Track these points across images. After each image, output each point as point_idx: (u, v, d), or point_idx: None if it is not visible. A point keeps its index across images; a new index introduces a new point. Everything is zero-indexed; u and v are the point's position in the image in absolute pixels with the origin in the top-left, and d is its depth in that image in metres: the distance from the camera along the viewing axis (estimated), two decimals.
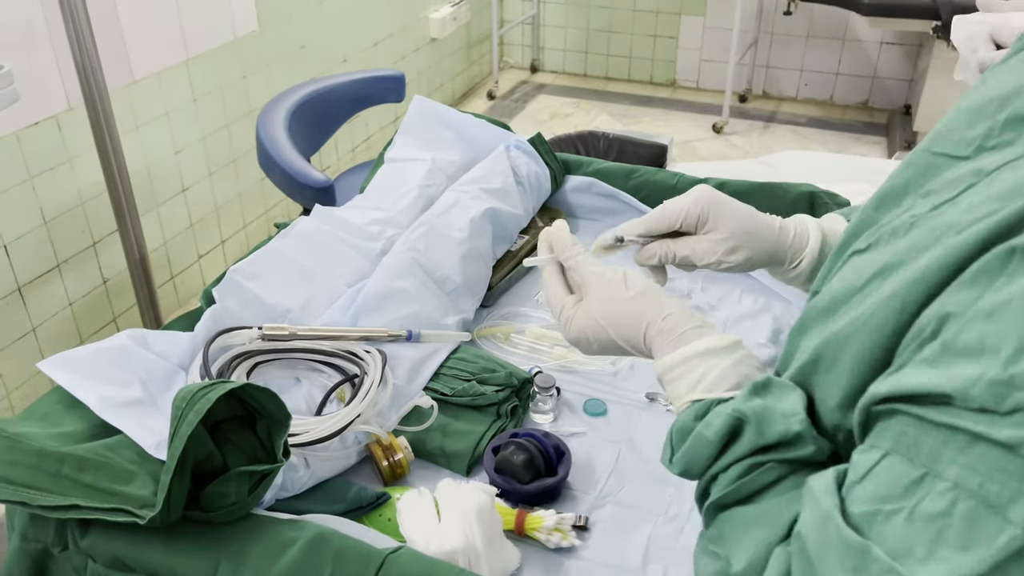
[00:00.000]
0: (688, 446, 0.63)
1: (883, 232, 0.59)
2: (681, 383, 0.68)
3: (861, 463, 0.50)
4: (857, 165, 2.01)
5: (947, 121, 0.60)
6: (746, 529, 0.58)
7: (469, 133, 1.47)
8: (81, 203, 2.09)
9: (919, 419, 0.46)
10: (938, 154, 0.59)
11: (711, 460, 0.62)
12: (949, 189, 0.54)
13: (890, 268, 0.53)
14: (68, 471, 0.78)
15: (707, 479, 0.63)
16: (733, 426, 0.61)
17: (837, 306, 0.57)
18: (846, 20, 3.80)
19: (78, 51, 1.63)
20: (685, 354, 0.68)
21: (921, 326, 0.48)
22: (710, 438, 0.61)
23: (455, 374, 1.06)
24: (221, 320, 1.02)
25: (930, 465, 0.45)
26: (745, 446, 0.60)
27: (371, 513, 0.89)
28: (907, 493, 0.46)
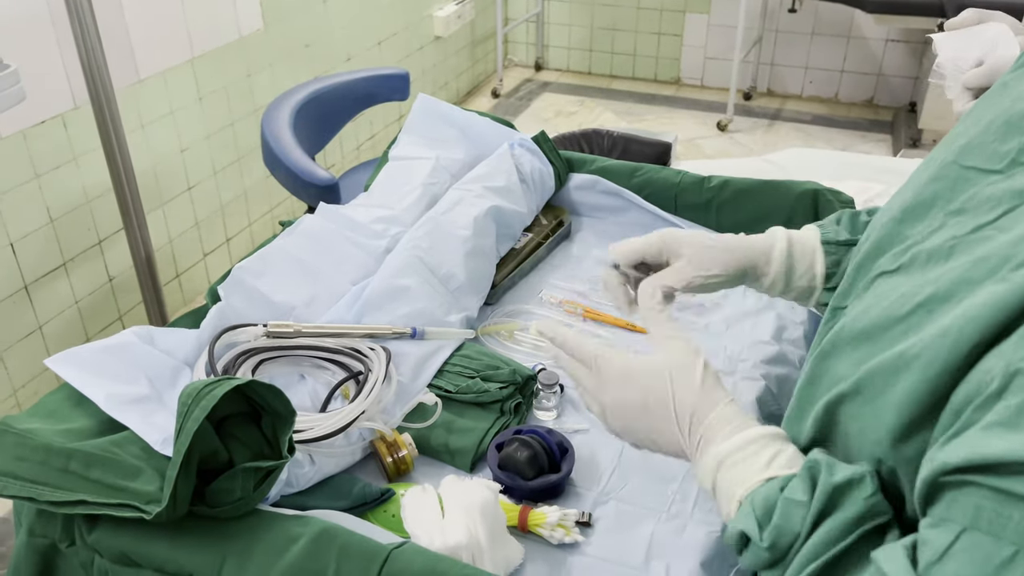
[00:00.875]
0: (778, 518, 0.58)
1: (917, 254, 0.57)
2: (751, 462, 0.63)
3: (937, 541, 0.47)
4: (862, 163, 2.01)
5: (976, 134, 0.58)
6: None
7: (473, 131, 1.47)
8: (87, 201, 2.10)
9: (998, 491, 0.43)
10: (968, 168, 0.57)
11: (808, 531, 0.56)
12: (987, 209, 0.53)
13: (937, 300, 0.51)
14: (75, 467, 0.79)
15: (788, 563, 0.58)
16: (812, 474, 0.58)
17: (876, 333, 0.55)
18: (851, 17, 3.79)
19: (84, 50, 1.64)
20: (754, 435, 0.65)
21: (983, 381, 0.45)
22: (799, 499, 0.57)
23: (459, 371, 1.06)
24: (227, 317, 1.03)
25: (1020, 542, 0.42)
26: (822, 492, 0.56)
27: (375, 509, 0.90)
28: (1000, 573, 0.43)
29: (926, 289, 0.53)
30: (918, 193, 0.61)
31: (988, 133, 0.57)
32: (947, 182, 0.58)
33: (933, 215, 0.58)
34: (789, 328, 1.21)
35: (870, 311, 0.57)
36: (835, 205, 1.30)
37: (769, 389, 1.09)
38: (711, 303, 1.26)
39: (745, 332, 1.19)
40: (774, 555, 0.58)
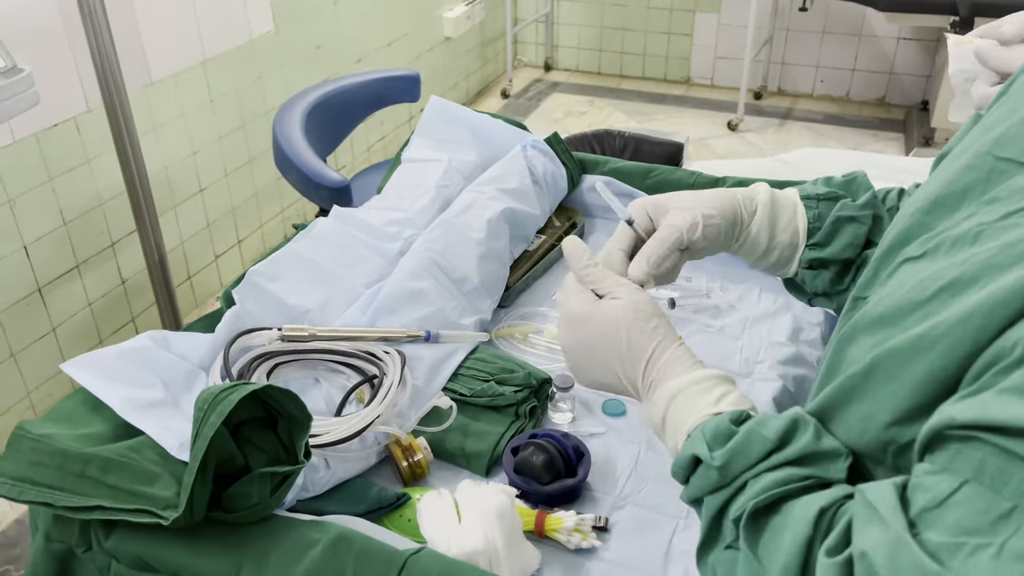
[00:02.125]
0: (737, 443, 0.61)
1: (943, 240, 0.56)
2: (703, 398, 0.67)
3: (937, 488, 0.48)
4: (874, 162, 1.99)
5: (1012, 125, 0.58)
6: (778, 534, 0.57)
7: (485, 133, 1.46)
8: (100, 204, 2.10)
9: (1005, 451, 0.44)
10: (1003, 159, 0.56)
11: (760, 459, 0.60)
12: (1019, 197, 0.52)
13: (961, 284, 0.51)
14: (92, 472, 0.79)
15: (740, 484, 0.61)
16: (790, 427, 0.60)
17: (896, 317, 0.55)
18: (862, 16, 3.77)
19: (97, 53, 1.64)
20: (707, 374, 0.68)
21: (1004, 348, 0.46)
22: (768, 435, 0.60)
23: (474, 374, 1.06)
24: (241, 321, 1.03)
25: (1019, 500, 0.43)
26: (799, 447, 0.59)
27: (391, 514, 0.89)
28: (995, 527, 0.44)
29: (949, 273, 0.52)
30: (950, 183, 0.60)
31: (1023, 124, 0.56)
32: (981, 173, 0.58)
33: (965, 206, 0.58)
34: (806, 329, 1.20)
35: (891, 296, 0.57)
36: None
37: (787, 389, 1.09)
38: (726, 305, 1.25)
39: (762, 334, 1.19)
40: (723, 477, 0.61)
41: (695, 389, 0.67)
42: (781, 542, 0.56)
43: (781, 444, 0.60)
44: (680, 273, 1.32)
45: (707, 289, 1.28)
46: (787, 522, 0.57)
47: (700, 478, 0.63)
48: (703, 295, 1.26)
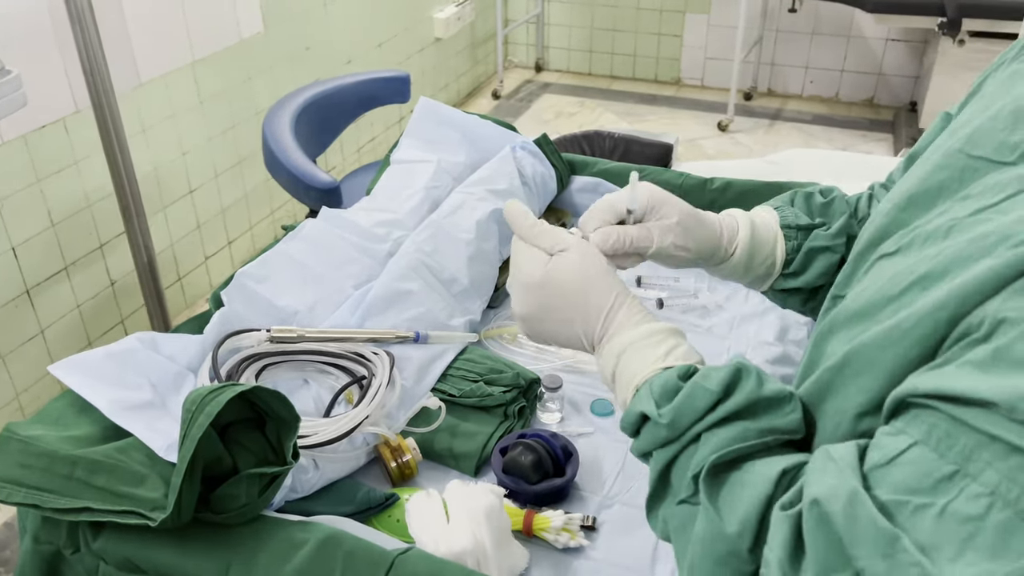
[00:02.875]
0: (683, 398, 0.62)
1: (916, 236, 0.57)
2: (651, 352, 0.68)
3: (888, 446, 0.49)
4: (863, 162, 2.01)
5: (983, 123, 0.59)
6: (738, 489, 0.58)
7: (475, 134, 1.47)
8: (88, 205, 2.10)
9: (954, 418, 0.46)
10: (976, 157, 0.57)
11: (706, 411, 0.61)
12: (991, 194, 0.53)
13: (932, 277, 0.52)
14: (80, 474, 0.79)
15: (691, 437, 0.62)
16: (733, 377, 0.61)
17: (871, 311, 0.56)
18: (851, 17, 3.79)
19: (85, 54, 1.64)
20: (656, 328, 0.70)
21: (972, 325, 0.47)
22: (711, 387, 0.61)
23: (462, 375, 1.06)
24: (230, 322, 1.03)
25: (962, 463, 0.45)
26: (743, 396, 0.60)
27: (380, 514, 0.90)
28: (937, 488, 0.45)
29: (921, 267, 0.53)
30: (923, 181, 0.61)
31: (997, 122, 0.57)
32: (954, 171, 0.59)
33: (939, 204, 0.58)
34: (792, 329, 1.21)
35: (866, 291, 0.58)
36: None
37: None
38: (714, 305, 1.26)
39: (749, 334, 1.19)
40: (671, 432, 0.63)
41: (645, 343, 0.69)
42: (741, 496, 0.57)
43: (725, 395, 0.61)
44: (669, 273, 1.33)
45: (695, 289, 1.28)
46: (749, 478, 0.58)
47: (649, 433, 0.65)
48: (691, 295, 1.27)
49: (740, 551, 0.56)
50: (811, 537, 0.50)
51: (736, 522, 0.57)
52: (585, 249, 0.74)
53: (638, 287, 1.29)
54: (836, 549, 0.49)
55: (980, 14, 3.05)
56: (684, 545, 0.62)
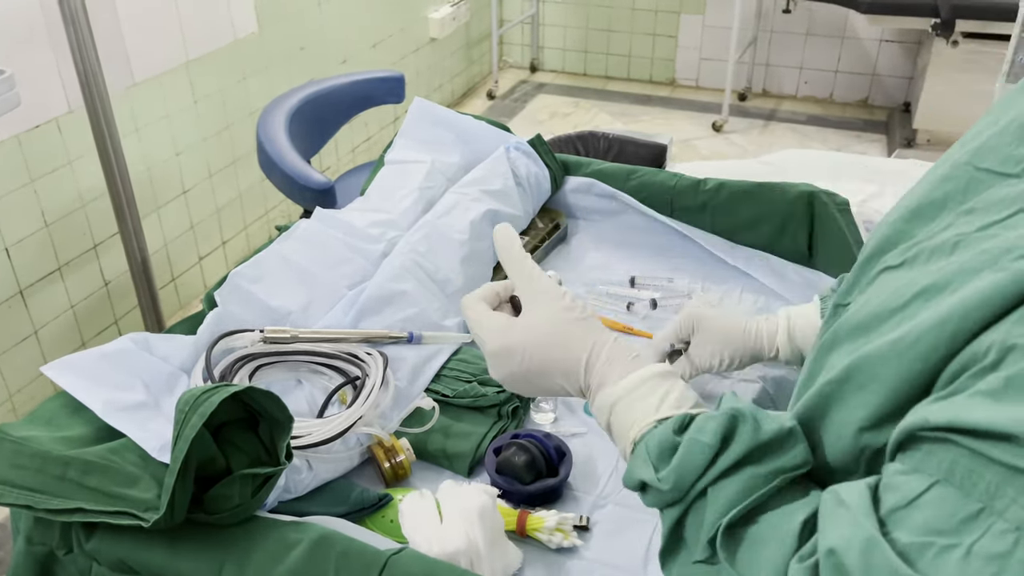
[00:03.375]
0: (680, 457, 0.60)
1: (921, 249, 0.57)
2: (643, 404, 0.66)
3: (906, 487, 0.48)
4: (857, 163, 2.01)
5: (991, 136, 0.58)
6: (758, 549, 0.56)
7: (469, 135, 1.47)
8: (82, 205, 2.09)
9: (975, 453, 0.44)
10: (982, 170, 0.57)
11: (705, 467, 0.59)
12: (998, 209, 0.52)
13: (935, 290, 0.51)
14: (73, 475, 0.79)
15: (695, 495, 0.60)
16: (729, 426, 0.59)
17: (873, 324, 0.55)
18: (845, 18, 3.80)
19: (78, 54, 1.63)
20: (645, 375, 0.67)
21: (979, 352, 0.46)
22: (707, 441, 0.59)
23: (456, 375, 1.07)
24: (223, 323, 1.03)
25: (988, 502, 0.44)
26: (742, 445, 0.58)
27: (373, 515, 0.90)
28: (962, 528, 0.44)
29: (924, 280, 0.52)
30: (929, 193, 0.61)
31: (1005, 135, 0.57)
32: (960, 183, 0.58)
33: (944, 216, 0.58)
34: None
35: (869, 303, 0.58)
36: (830, 206, 1.30)
37: (766, 391, 1.10)
38: (708, 305, 1.26)
39: None
40: (675, 494, 0.61)
41: (635, 395, 0.66)
42: (763, 556, 0.55)
43: (723, 445, 0.59)
44: (663, 273, 1.33)
45: (689, 290, 1.29)
46: (768, 535, 0.56)
47: (653, 496, 0.63)
48: (684, 295, 1.27)
49: None
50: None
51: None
52: (559, 303, 0.71)
53: (632, 287, 1.29)
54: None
55: (973, 15, 3.06)
56: None
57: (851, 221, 1.28)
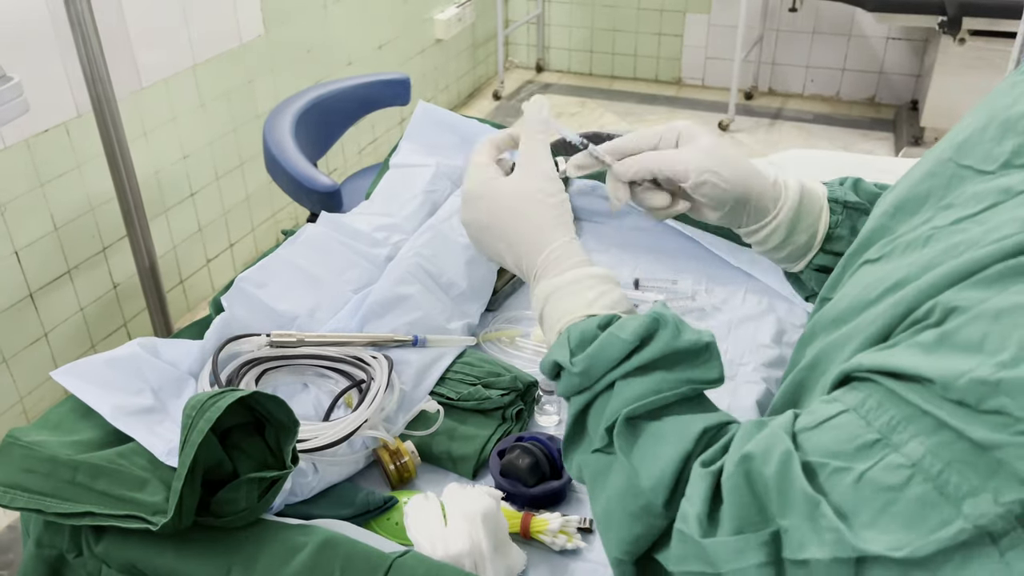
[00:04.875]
0: (596, 347, 0.62)
1: (898, 243, 0.58)
2: (576, 298, 0.67)
3: (819, 411, 0.50)
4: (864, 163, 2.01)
5: (974, 132, 0.59)
6: (653, 443, 0.58)
7: (474, 138, 1.47)
8: (91, 209, 2.11)
9: (890, 391, 0.47)
10: (964, 166, 0.57)
11: (617, 362, 0.61)
12: (971, 204, 0.53)
13: (904, 284, 0.52)
14: (82, 479, 0.80)
15: (602, 386, 0.62)
16: (650, 328, 0.61)
17: (847, 317, 0.57)
18: (852, 16, 3.79)
19: (86, 58, 1.65)
20: (581, 274, 0.68)
21: (924, 311, 0.48)
22: (625, 337, 0.61)
23: (461, 378, 1.07)
24: (230, 328, 1.04)
25: (886, 434, 0.46)
26: (657, 348, 0.60)
27: (379, 517, 0.91)
28: (858, 454, 0.46)
29: (896, 275, 0.54)
30: (913, 188, 0.62)
31: (986, 132, 0.57)
32: (942, 179, 0.59)
33: (925, 211, 0.59)
34: (789, 331, 1.22)
35: (845, 297, 0.59)
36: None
37: (770, 392, 1.10)
38: (711, 307, 1.27)
39: (746, 336, 1.20)
40: (584, 380, 0.62)
41: (574, 288, 0.68)
42: (659, 452, 0.57)
43: (640, 344, 0.61)
44: (666, 275, 1.33)
45: (693, 291, 1.29)
46: (667, 433, 0.58)
47: (564, 381, 0.65)
48: (688, 297, 1.28)
49: (654, 506, 0.57)
50: (736, 492, 0.51)
51: (652, 477, 0.57)
52: (539, 181, 0.71)
53: (636, 289, 1.30)
54: (759, 505, 0.50)
55: (981, 13, 3.05)
56: (599, 494, 0.62)
57: None
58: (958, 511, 0.42)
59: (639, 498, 0.58)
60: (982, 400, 0.42)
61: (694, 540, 0.53)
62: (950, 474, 0.43)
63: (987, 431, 0.42)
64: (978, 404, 0.42)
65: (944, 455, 0.43)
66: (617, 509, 0.59)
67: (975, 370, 0.42)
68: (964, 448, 0.42)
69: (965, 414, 0.43)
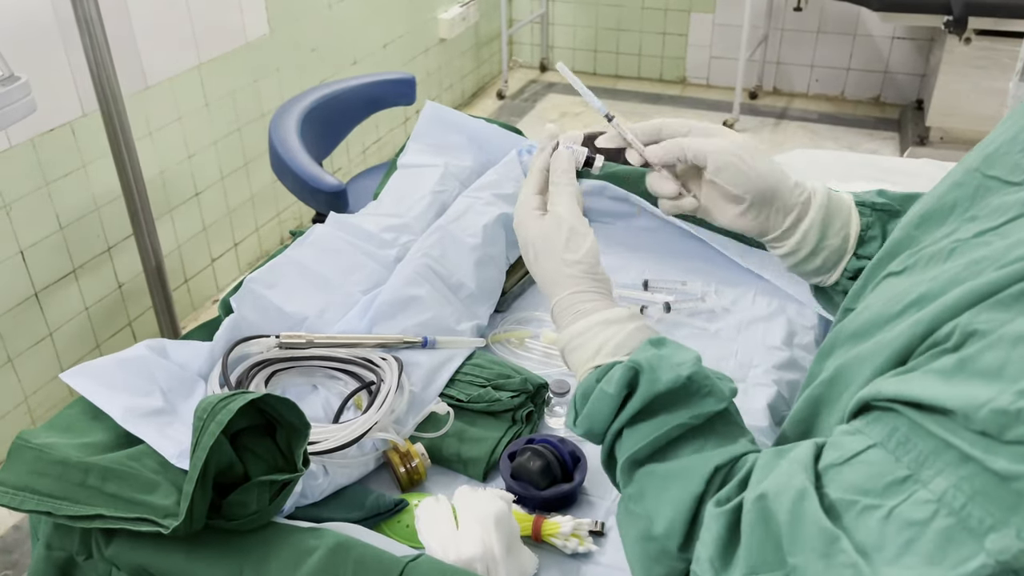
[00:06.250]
0: (590, 405, 0.64)
1: (921, 256, 0.57)
2: (583, 351, 0.69)
3: (846, 446, 0.50)
4: (869, 163, 2.00)
5: (1003, 143, 0.58)
6: (664, 486, 0.59)
7: (481, 138, 1.47)
8: (96, 208, 2.11)
9: (914, 424, 0.46)
10: (990, 177, 0.57)
11: (612, 416, 0.62)
12: (995, 216, 0.53)
13: (927, 300, 0.52)
14: (93, 481, 0.79)
15: (611, 438, 0.63)
16: (630, 377, 0.62)
17: (869, 331, 0.56)
18: (857, 15, 3.78)
19: (92, 57, 1.65)
20: (586, 324, 0.70)
21: (943, 335, 0.47)
22: (610, 392, 0.62)
23: (470, 380, 1.07)
24: (239, 329, 1.03)
25: (915, 470, 0.45)
26: (641, 397, 0.61)
27: (390, 520, 0.90)
28: (888, 491, 0.46)
29: (918, 289, 0.53)
30: (940, 198, 0.61)
31: (1014, 143, 0.57)
32: (968, 189, 0.58)
33: (951, 221, 0.58)
34: (800, 333, 1.21)
35: (868, 310, 0.58)
36: None
37: (781, 395, 1.09)
38: (721, 309, 1.26)
39: (756, 338, 1.19)
40: (592, 439, 0.66)
41: (577, 342, 0.70)
42: (668, 497, 0.58)
43: (629, 393, 0.62)
44: (676, 276, 1.33)
45: (702, 293, 1.28)
46: (675, 475, 0.58)
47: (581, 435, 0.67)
48: (698, 299, 1.27)
49: (670, 550, 0.57)
50: (750, 532, 0.51)
51: (664, 523, 0.57)
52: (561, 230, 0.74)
53: (645, 291, 1.29)
54: (773, 546, 0.49)
55: (986, 12, 3.04)
56: (624, 536, 0.64)
57: None
58: (980, 546, 0.41)
59: (655, 543, 0.58)
60: (1003, 430, 0.41)
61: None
62: (973, 507, 0.42)
63: (1008, 462, 0.41)
64: (1000, 434, 0.41)
65: (967, 488, 0.43)
66: (638, 553, 0.60)
67: (995, 399, 0.42)
68: (987, 481, 0.42)
69: (987, 444, 0.42)
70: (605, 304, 0.72)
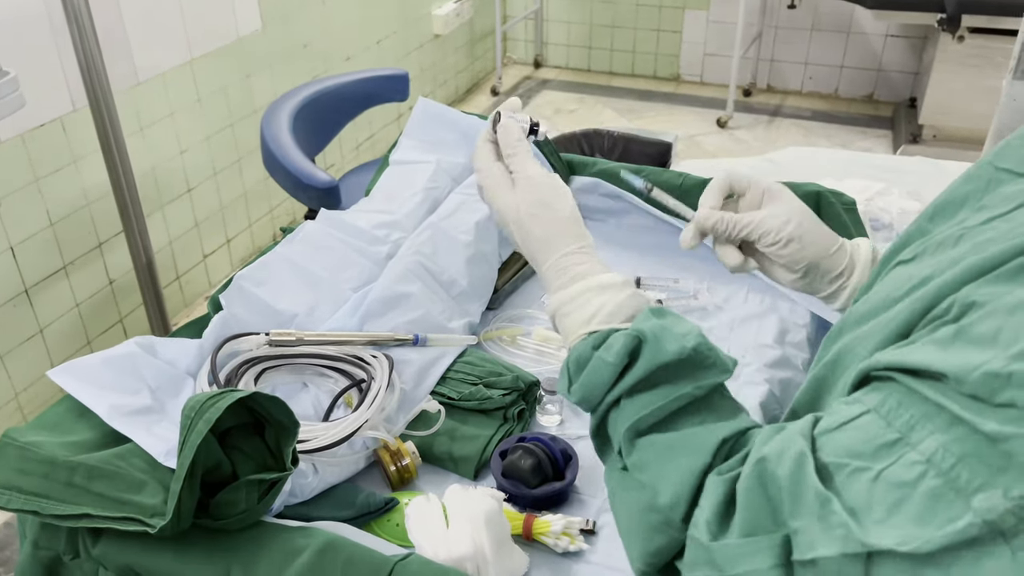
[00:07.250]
0: (587, 373, 0.63)
1: (930, 244, 0.58)
2: (576, 316, 0.68)
3: (841, 413, 0.50)
4: (862, 161, 2.00)
5: (1016, 137, 0.59)
6: (669, 456, 0.58)
7: (474, 134, 1.46)
8: (87, 204, 2.09)
9: (909, 389, 0.47)
10: (1001, 169, 0.58)
11: (610, 385, 0.62)
12: (1003, 204, 0.54)
13: (929, 280, 0.52)
14: (79, 480, 0.79)
15: (606, 407, 0.63)
16: (632, 347, 0.61)
17: (872, 314, 0.57)
18: (850, 13, 3.78)
19: (82, 53, 1.63)
20: (580, 288, 0.69)
21: (943, 308, 0.48)
22: (610, 360, 0.61)
23: (462, 378, 1.06)
24: (229, 326, 1.03)
25: (906, 432, 0.46)
26: (643, 366, 0.60)
27: (380, 519, 0.90)
28: (878, 454, 0.46)
29: (923, 272, 0.54)
30: (951, 192, 0.62)
31: None
32: (980, 182, 0.59)
33: (962, 213, 0.59)
34: (792, 331, 1.21)
35: (876, 295, 0.59)
36: (837, 207, 1.29)
37: (772, 393, 1.09)
38: (713, 307, 1.26)
39: (748, 336, 1.19)
40: (586, 406, 0.64)
41: (575, 304, 0.69)
42: (674, 467, 0.57)
43: (630, 363, 0.61)
44: (668, 274, 1.32)
45: (695, 290, 1.28)
46: (681, 446, 0.58)
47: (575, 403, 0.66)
48: (690, 296, 1.27)
49: (674, 520, 0.57)
50: (748, 495, 0.51)
51: (670, 494, 0.57)
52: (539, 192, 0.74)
53: (638, 288, 1.29)
54: (770, 509, 0.50)
55: (979, 10, 3.04)
56: (620, 507, 0.63)
57: (857, 220, 1.28)
58: (967, 505, 0.42)
59: (658, 513, 0.57)
60: (994, 393, 0.42)
61: (703, 544, 0.53)
62: (961, 469, 0.42)
63: (998, 424, 0.41)
64: (991, 397, 0.42)
65: (957, 450, 0.43)
66: (638, 523, 0.59)
67: (988, 363, 0.42)
68: (977, 442, 0.42)
69: (978, 408, 0.42)
70: (596, 267, 0.71)
